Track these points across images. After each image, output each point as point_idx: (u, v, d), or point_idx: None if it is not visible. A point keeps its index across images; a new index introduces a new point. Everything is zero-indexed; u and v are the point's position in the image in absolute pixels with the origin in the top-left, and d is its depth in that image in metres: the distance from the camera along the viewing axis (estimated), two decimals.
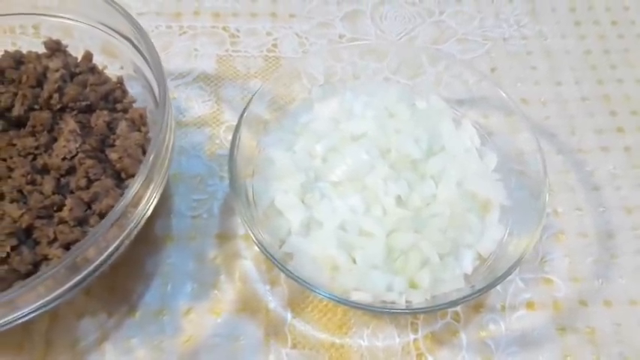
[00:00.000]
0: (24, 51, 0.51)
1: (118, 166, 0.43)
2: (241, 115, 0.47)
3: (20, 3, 0.53)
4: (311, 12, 0.66)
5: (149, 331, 0.46)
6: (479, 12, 0.67)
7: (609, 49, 0.65)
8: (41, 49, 0.51)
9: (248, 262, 0.49)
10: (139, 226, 0.40)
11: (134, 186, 0.37)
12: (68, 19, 0.53)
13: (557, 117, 0.59)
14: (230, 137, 0.54)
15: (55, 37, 0.52)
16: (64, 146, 0.43)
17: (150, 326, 0.46)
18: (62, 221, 0.41)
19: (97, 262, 0.38)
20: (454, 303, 0.41)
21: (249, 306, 0.47)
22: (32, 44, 0.54)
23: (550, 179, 0.48)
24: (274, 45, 0.63)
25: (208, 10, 0.65)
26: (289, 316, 0.47)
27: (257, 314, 0.47)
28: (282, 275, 0.48)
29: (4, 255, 0.40)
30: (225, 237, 0.50)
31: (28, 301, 0.37)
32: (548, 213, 0.52)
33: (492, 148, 0.51)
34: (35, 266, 0.40)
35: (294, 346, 0.45)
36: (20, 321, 0.38)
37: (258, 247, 0.42)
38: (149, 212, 0.41)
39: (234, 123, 0.55)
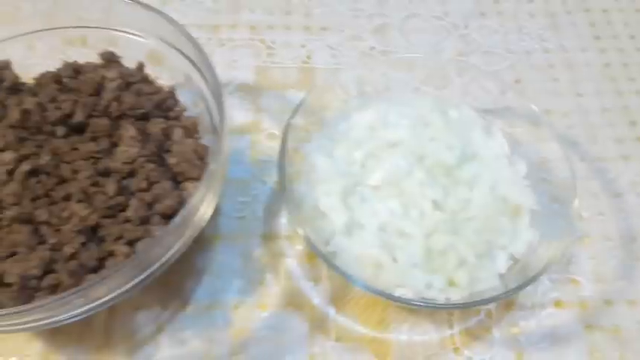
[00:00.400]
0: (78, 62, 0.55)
1: (175, 169, 0.46)
2: (287, 125, 0.50)
3: (67, 16, 0.56)
4: (342, 25, 0.69)
5: (201, 323, 0.49)
6: (502, 26, 0.70)
7: (628, 62, 0.68)
8: (88, 59, 0.54)
9: (292, 261, 0.52)
10: (200, 227, 0.43)
11: (199, 191, 0.41)
12: (115, 30, 0.56)
13: (579, 126, 0.62)
14: (270, 144, 0.59)
15: (101, 48, 0.56)
16: (126, 151, 0.46)
17: (201, 319, 0.49)
18: (127, 220, 0.44)
19: (163, 261, 0.41)
20: (492, 300, 0.44)
21: (294, 301, 0.50)
22: (82, 55, 0.56)
23: None
24: (308, 56, 0.66)
25: (245, 23, 0.68)
26: (332, 311, 0.49)
27: (302, 309, 0.50)
28: (325, 272, 0.51)
29: (73, 251, 0.43)
30: (269, 237, 0.53)
31: (99, 295, 0.40)
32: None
33: (522, 155, 0.53)
34: (101, 261, 0.44)
35: (337, 340, 0.48)
36: (90, 313, 0.41)
37: (308, 245, 0.45)
38: (209, 215, 0.44)
39: (274, 131, 0.60)
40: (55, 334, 0.48)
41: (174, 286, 0.50)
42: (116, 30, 0.56)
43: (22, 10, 0.55)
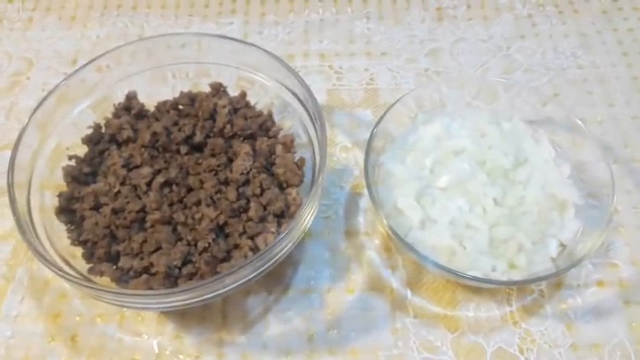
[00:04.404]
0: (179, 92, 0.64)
1: (282, 178, 0.57)
2: (369, 142, 0.59)
3: (166, 57, 0.65)
4: (399, 50, 0.79)
5: (301, 305, 0.58)
6: (540, 46, 0.79)
7: None
8: (185, 88, 0.64)
9: (372, 252, 0.62)
10: (307, 228, 0.53)
11: (310, 198, 0.51)
12: (207, 63, 0.66)
13: (612, 133, 0.70)
14: (344, 155, 0.69)
15: (195, 78, 0.66)
16: (241, 164, 0.56)
17: (301, 301, 0.58)
18: (249, 219, 0.54)
19: (280, 255, 0.51)
20: (546, 277, 0.53)
21: (376, 286, 0.59)
22: (180, 85, 0.67)
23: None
24: (372, 79, 0.76)
25: (315, 52, 0.79)
26: (409, 293, 0.59)
27: (383, 292, 0.59)
28: (401, 262, 0.61)
29: (206, 245, 0.53)
30: (351, 233, 0.63)
31: (229, 283, 0.49)
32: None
33: (564, 159, 0.62)
34: (228, 253, 0.54)
35: (415, 317, 0.58)
36: (221, 296, 0.50)
37: (392, 233, 0.54)
38: (313, 217, 0.54)
39: (347, 144, 0.69)
40: (182, 318, 0.58)
41: (276, 275, 0.60)
42: (208, 63, 0.66)
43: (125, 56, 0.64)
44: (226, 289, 0.50)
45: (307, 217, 0.53)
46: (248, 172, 0.57)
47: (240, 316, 0.58)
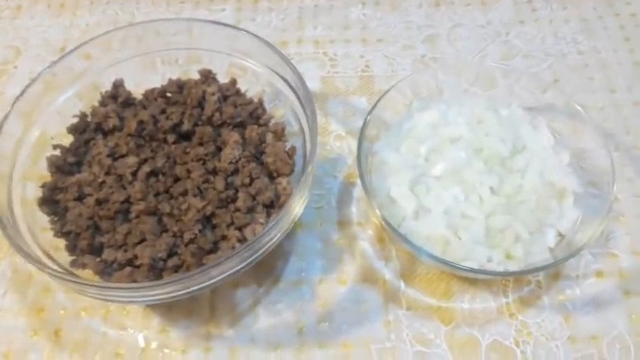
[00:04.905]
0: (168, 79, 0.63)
1: (272, 167, 0.55)
2: (362, 130, 0.58)
3: (156, 43, 0.63)
4: (396, 36, 0.77)
5: (292, 297, 0.57)
6: (540, 32, 0.77)
7: None
8: (177, 76, 0.63)
9: (365, 243, 0.60)
10: (296, 218, 0.52)
11: (300, 187, 0.49)
12: (198, 49, 0.65)
13: (613, 120, 0.69)
14: (338, 144, 0.67)
15: (185, 65, 0.64)
16: (230, 153, 0.55)
17: (292, 293, 0.57)
18: (236, 209, 0.53)
19: (268, 245, 0.50)
20: (544, 268, 0.51)
21: (369, 277, 0.58)
22: (172, 72, 0.65)
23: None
24: (367, 66, 0.74)
25: (309, 39, 0.77)
26: (402, 285, 0.57)
27: (376, 284, 0.58)
28: (394, 253, 0.59)
29: (192, 237, 0.52)
30: (344, 224, 0.61)
31: (216, 274, 0.48)
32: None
33: (563, 146, 0.61)
34: (215, 244, 0.53)
35: (408, 309, 0.56)
36: (207, 288, 0.49)
37: (384, 223, 0.52)
38: (303, 207, 0.52)
39: (341, 132, 0.68)
40: (168, 311, 0.56)
41: (267, 266, 0.58)
42: (200, 49, 0.65)
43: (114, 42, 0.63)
44: (212, 281, 0.49)
45: (297, 207, 0.52)
46: (237, 162, 0.55)
47: (229, 309, 0.57)
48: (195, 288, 0.48)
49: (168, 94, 0.62)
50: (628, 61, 0.74)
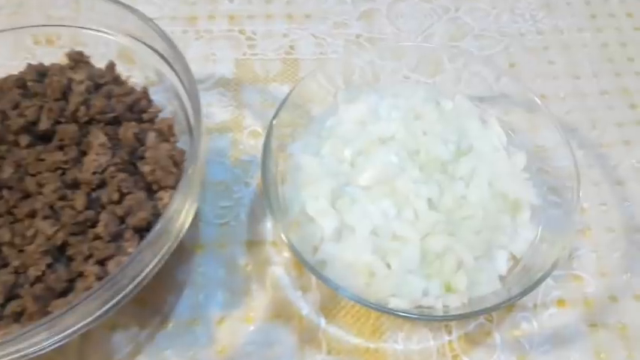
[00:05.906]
0: (44, 63, 0.51)
1: (149, 178, 0.43)
2: (270, 125, 0.47)
3: (35, 14, 0.53)
4: (326, 12, 0.66)
5: (183, 342, 0.46)
6: (494, 8, 0.68)
7: (626, 41, 0.65)
8: (56, 60, 0.52)
9: (279, 269, 0.49)
10: (178, 241, 0.40)
11: (174, 202, 0.37)
12: (83, 28, 0.53)
13: (577, 111, 0.60)
14: (253, 142, 0.56)
15: (69, 47, 0.53)
16: (95, 160, 0.43)
17: (183, 337, 0.46)
18: (97, 237, 0.41)
19: (138, 280, 0.38)
20: (492, 309, 0.41)
21: (282, 313, 0.47)
22: (50, 56, 0.53)
23: None
24: (291, 47, 0.63)
25: (224, 14, 0.65)
26: (323, 321, 0.47)
27: (290, 321, 0.47)
28: (314, 281, 0.48)
29: (39, 273, 0.40)
30: (254, 244, 0.50)
31: (67, 325, 0.37)
32: None
33: (518, 145, 0.51)
34: (70, 283, 0.40)
35: (328, 352, 0.46)
36: (58, 344, 0.38)
37: (296, 256, 0.42)
38: (187, 225, 0.41)
39: (257, 128, 0.57)
40: None
41: (152, 302, 0.47)
42: (85, 28, 0.53)
43: None
44: (62, 335, 0.37)
45: (178, 225, 0.40)
46: (103, 171, 0.43)
47: (102, 359, 0.45)
48: (32, 349, 0.37)
49: (29, 84, 0.49)
50: (594, 43, 0.66)
